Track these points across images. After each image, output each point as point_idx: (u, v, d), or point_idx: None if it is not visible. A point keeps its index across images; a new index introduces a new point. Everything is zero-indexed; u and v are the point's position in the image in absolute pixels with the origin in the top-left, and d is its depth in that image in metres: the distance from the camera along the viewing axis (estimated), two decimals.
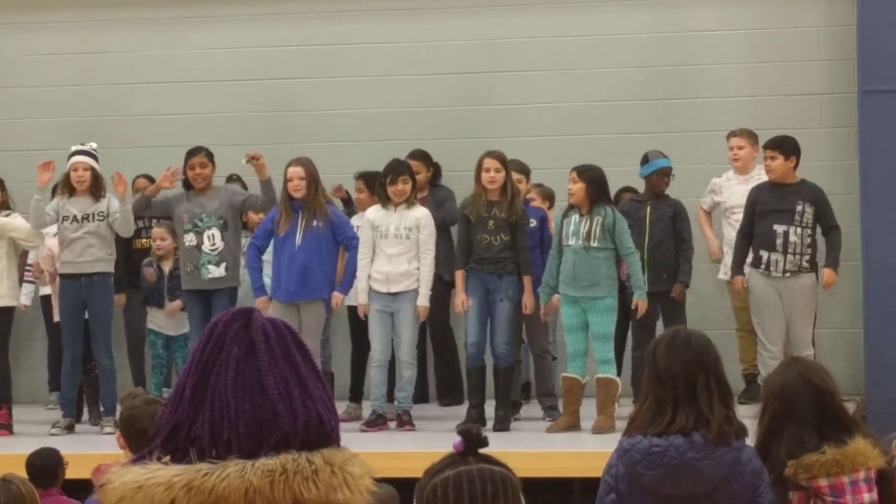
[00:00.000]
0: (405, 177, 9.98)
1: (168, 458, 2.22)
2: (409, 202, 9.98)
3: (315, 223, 9.87)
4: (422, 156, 11.05)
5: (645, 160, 10.42)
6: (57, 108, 12.41)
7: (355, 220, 10.50)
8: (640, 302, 9.74)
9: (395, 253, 9.91)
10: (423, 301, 9.90)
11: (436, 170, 11.23)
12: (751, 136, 10.89)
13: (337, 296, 9.90)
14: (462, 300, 9.83)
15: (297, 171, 9.93)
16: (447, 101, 12.07)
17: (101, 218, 10.15)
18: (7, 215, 10.39)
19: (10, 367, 10.40)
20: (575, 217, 9.67)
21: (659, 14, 11.97)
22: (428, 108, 12.07)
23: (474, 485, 2.93)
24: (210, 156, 10.38)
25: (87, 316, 10.19)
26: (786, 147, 10.03)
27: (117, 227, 10.14)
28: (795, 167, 10.02)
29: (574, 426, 9.58)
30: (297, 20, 12.29)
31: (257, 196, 10.27)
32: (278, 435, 2.20)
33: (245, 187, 11.05)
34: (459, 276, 9.88)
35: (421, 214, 9.99)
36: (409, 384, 10.00)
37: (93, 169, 10.21)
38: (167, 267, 11.03)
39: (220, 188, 10.42)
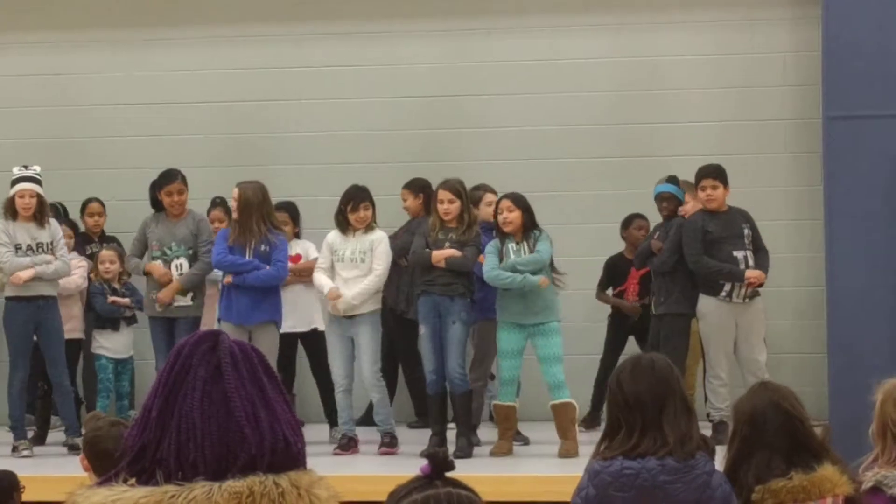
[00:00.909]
0: (366, 203, 10.02)
1: (134, 480, 2.22)
2: (367, 227, 10.00)
3: (262, 247, 9.90)
4: (411, 184, 11.04)
5: None
6: (24, 129, 12.36)
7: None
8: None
9: (350, 277, 9.94)
10: (349, 292, 9.85)
11: (427, 196, 11.07)
12: (721, 175, 10.74)
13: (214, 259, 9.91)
14: (442, 255, 9.73)
15: (234, 192, 10.00)
16: (416, 124, 12.09)
17: (50, 249, 10.19)
18: None
19: None
20: (512, 245, 9.73)
21: (626, 39, 12.03)
22: (397, 130, 12.08)
23: None
24: (185, 181, 10.40)
25: (34, 338, 10.20)
26: (724, 176, 10.22)
27: (52, 274, 10.12)
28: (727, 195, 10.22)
29: (510, 452, 9.77)
30: (266, 43, 12.29)
31: (197, 263, 10.26)
32: (245, 457, 2.21)
33: (228, 211, 11.00)
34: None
35: (376, 237, 10.02)
36: (382, 407, 10.01)
37: (38, 195, 10.18)
38: (117, 286, 11.06)
39: (191, 216, 10.41)
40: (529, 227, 9.78)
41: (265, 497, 2.19)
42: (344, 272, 9.97)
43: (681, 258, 10.17)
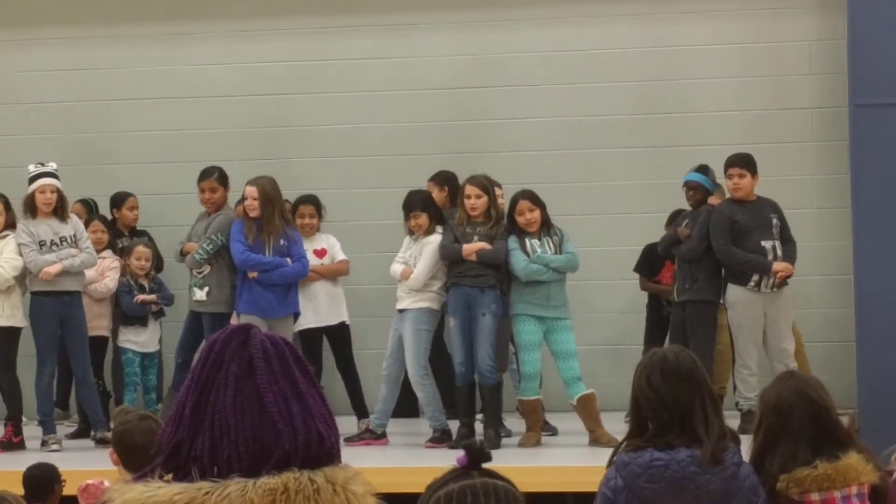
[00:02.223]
0: (415, 212, 10.07)
1: (170, 476, 2.22)
2: (429, 231, 10.05)
3: (281, 241, 10.02)
4: (436, 177, 11.05)
5: None
6: (51, 125, 12.41)
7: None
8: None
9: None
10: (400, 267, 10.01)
11: (452, 189, 11.10)
12: (749, 164, 10.77)
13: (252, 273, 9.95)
14: (473, 248, 9.80)
15: (251, 190, 10.04)
16: (439, 117, 12.08)
17: (73, 242, 10.23)
18: (4, 237, 10.31)
19: (20, 382, 10.34)
20: (535, 241, 9.76)
21: (651, 29, 11.99)
22: (420, 123, 12.08)
23: (478, 498, 2.93)
24: (222, 178, 10.47)
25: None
26: (753, 165, 10.16)
27: (79, 266, 10.19)
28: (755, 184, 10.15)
29: (539, 443, 9.78)
30: (290, 36, 12.30)
31: (194, 251, 10.30)
32: (280, 453, 2.20)
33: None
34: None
35: (427, 240, 10.05)
36: (426, 404, 10.05)
37: (58, 190, 10.23)
38: (145, 283, 11.10)
39: (220, 213, 10.45)
40: (545, 222, 9.84)
41: (300, 494, 2.18)
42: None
43: (709, 246, 10.14)
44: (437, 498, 2.94)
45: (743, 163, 10.16)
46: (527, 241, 9.79)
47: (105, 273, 10.90)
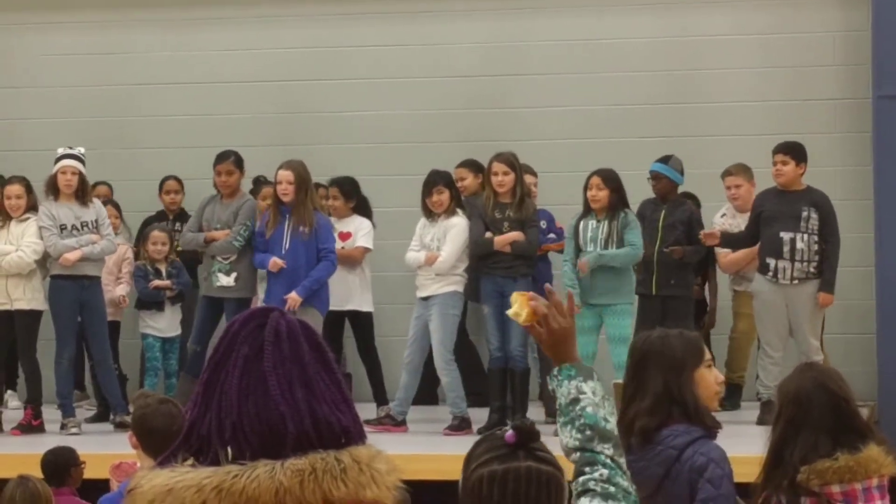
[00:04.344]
0: (439, 187, 10.04)
1: (191, 461, 2.24)
2: (450, 211, 10.02)
3: (302, 229, 9.91)
4: (470, 163, 11.05)
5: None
6: (72, 108, 12.44)
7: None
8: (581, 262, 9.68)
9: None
10: (421, 254, 9.97)
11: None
12: (745, 171, 10.83)
13: (293, 297, 9.82)
14: (506, 240, 9.81)
15: (286, 174, 9.95)
16: (460, 104, 12.08)
17: (94, 228, 10.25)
18: (26, 219, 10.34)
19: (40, 366, 10.37)
20: (592, 222, 9.72)
21: (672, 18, 11.97)
22: (441, 110, 12.08)
23: (519, 484, 2.94)
24: (238, 162, 10.44)
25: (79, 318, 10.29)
26: (798, 153, 10.03)
27: (99, 254, 10.22)
28: (803, 174, 10.02)
29: None
30: (312, 22, 12.31)
31: (230, 237, 10.25)
32: (292, 436, 2.21)
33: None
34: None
35: (452, 222, 10.03)
36: (451, 390, 10.04)
37: (80, 173, 10.24)
38: (162, 268, 11.10)
39: (241, 199, 10.41)
40: (617, 206, 9.73)
41: (327, 474, 2.19)
42: (423, 258, 10.06)
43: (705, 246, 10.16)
44: (480, 476, 2.95)
45: (787, 149, 10.07)
46: (587, 221, 9.73)
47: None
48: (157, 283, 11.04)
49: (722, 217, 10.89)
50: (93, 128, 12.23)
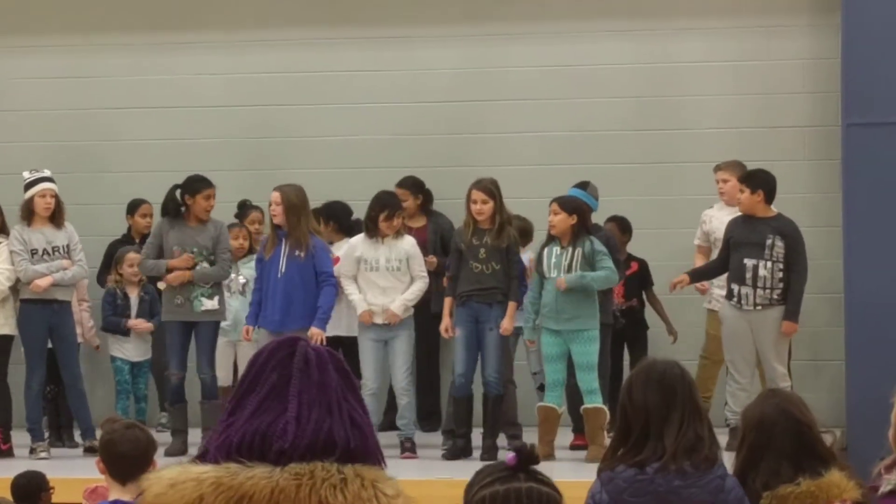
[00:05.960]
0: (400, 212, 10.12)
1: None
2: (396, 233, 10.04)
3: (297, 252, 9.87)
4: (410, 184, 11.12)
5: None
6: (44, 133, 12.42)
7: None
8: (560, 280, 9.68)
9: (389, 286, 10.00)
10: (397, 305, 9.92)
11: (426, 197, 11.32)
12: (736, 167, 10.91)
13: (315, 332, 9.74)
14: (447, 325, 9.87)
15: (275, 196, 9.96)
16: (435, 129, 12.11)
17: (66, 252, 10.23)
18: None
19: (10, 390, 10.32)
20: (556, 249, 9.74)
21: (645, 45, 12.03)
22: (415, 135, 12.11)
23: (521, 502, 3.05)
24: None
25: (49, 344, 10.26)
26: (752, 181, 10.10)
27: (70, 280, 10.18)
28: (765, 201, 10.05)
29: (549, 456, 9.49)
30: (286, 47, 12.33)
31: (215, 266, 10.22)
32: (277, 449, 2.26)
33: (261, 211, 11.10)
34: (448, 302, 9.93)
35: (409, 245, 10.05)
36: (408, 411, 10.05)
37: (56, 196, 10.24)
38: (133, 293, 11.05)
39: (216, 224, 10.34)
40: (580, 232, 9.75)
41: (326, 482, 2.24)
42: (381, 281, 10.01)
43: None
44: (482, 497, 3.04)
45: (742, 178, 10.18)
46: (551, 248, 9.76)
47: None
48: (133, 323, 10.97)
49: (711, 208, 10.99)
50: (65, 151, 12.20)
